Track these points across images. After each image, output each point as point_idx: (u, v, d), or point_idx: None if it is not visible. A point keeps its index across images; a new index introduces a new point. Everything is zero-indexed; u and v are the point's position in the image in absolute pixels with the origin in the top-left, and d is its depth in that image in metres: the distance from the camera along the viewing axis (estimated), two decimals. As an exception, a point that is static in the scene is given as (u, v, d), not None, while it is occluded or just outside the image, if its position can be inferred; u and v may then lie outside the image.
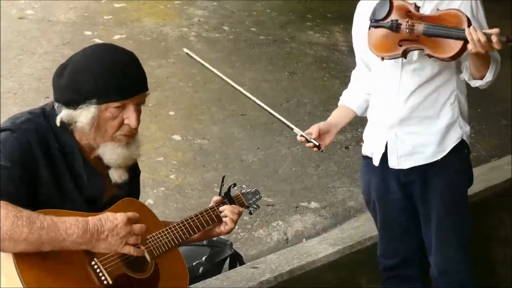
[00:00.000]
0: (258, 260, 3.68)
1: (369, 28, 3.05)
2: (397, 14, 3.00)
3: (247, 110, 5.47)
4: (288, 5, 7.18)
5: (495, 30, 2.82)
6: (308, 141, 3.17)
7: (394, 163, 3.25)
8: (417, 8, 3.01)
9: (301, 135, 3.17)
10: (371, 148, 3.35)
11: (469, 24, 2.89)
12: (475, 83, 3.09)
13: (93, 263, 2.27)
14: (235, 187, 2.86)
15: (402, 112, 3.19)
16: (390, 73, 3.16)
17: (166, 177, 4.63)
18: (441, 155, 3.21)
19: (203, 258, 3.59)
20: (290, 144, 5.14)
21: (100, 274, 2.27)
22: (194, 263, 3.55)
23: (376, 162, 3.28)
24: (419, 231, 3.35)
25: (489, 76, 3.01)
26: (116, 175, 2.44)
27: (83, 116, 2.33)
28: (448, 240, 3.26)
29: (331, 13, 7.21)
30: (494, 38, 2.79)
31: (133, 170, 2.59)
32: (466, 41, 2.87)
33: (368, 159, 3.36)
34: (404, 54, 3.01)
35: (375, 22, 3.02)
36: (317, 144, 3.16)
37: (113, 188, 2.48)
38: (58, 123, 2.35)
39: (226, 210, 2.72)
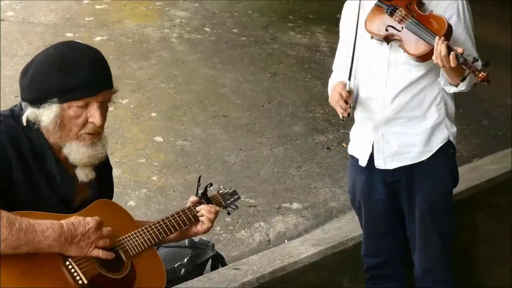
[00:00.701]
0: (240, 262, 3.67)
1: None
2: (401, 2, 3.12)
3: (229, 111, 5.47)
4: (270, 6, 7.18)
5: (460, 50, 2.89)
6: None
7: (380, 163, 3.26)
8: (420, 4, 3.10)
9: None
10: (358, 148, 3.36)
11: (447, 37, 2.98)
12: (449, 89, 3.15)
13: (67, 263, 2.26)
14: (211, 187, 2.85)
15: (388, 112, 3.21)
16: (377, 72, 3.19)
17: (148, 178, 4.62)
18: (427, 156, 3.23)
19: (185, 260, 3.57)
20: (272, 146, 5.13)
21: (75, 274, 2.26)
22: (176, 265, 3.54)
23: (363, 163, 3.30)
24: (403, 230, 3.37)
25: (462, 86, 3.06)
26: (83, 174, 2.42)
27: (45, 115, 2.32)
28: (432, 239, 3.28)
29: (312, 14, 7.22)
30: (451, 55, 2.87)
31: (104, 167, 2.58)
32: (432, 51, 2.97)
33: (354, 159, 3.37)
34: (386, 40, 3.12)
35: (380, 1, 3.16)
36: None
37: (85, 187, 2.47)
38: (24, 122, 2.34)
39: (203, 209, 2.71)
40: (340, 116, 3.11)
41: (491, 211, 4.49)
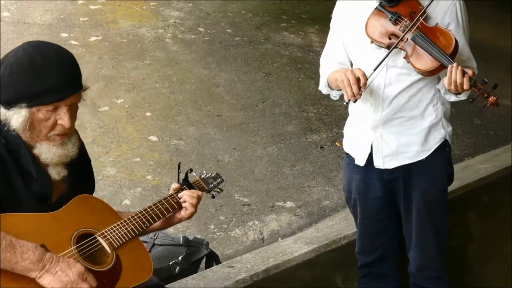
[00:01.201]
0: (234, 260, 3.67)
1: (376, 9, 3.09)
2: (404, 9, 3.07)
3: (223, 111, 5.46)
4: (263, 6, 7.17)
5: (470, 72, 2.90)
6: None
7: (379, 163, 3.27)
8: (423, 13, 3.04)
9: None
10: (355, 148, 3.35)
11: (454, 53, 2.97)
12: (450, 98, 3.16)
13: None
14: (192, 172, 2.85)
15: (387, 113, 3.21)
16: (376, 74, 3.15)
17: (143, 177, 4.61)
18: (425, 155, 3.25)
19: (180, 258, 3.57)
20: (265, 145, 5.13)
21: None
22: (170, 263, 3.54)
23: (361, 162, 3.30)
24: (397, 229, 3.38)
25: (462, 96, 3.07)
26: (55, 172, 2.43)
27: (14, 119, 2.33)
28: (427, 237, 3.30)
29: (305, 14, 7.23)
30: (465, 79, 2.86)
31: (81, 161, 2.57)
32: (442, 66, 2.96)
33: (350, 157, 3.37)
34: (388, 47, 3.06)
35: (382, 7, 3.10)
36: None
37: (60, 183, 2.47)
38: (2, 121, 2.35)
39: (185, 195, 2.71)
40: (347, 99, 3.04)
41: (483, 210, 4.50)
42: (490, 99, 2.90)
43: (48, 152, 2.39)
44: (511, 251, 4.58)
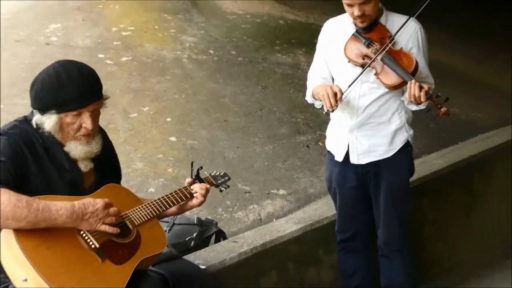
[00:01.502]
0: (237, 236, 3.66)
1: (353, 34, 3.11)
2: (375, 35, 3.07)
3: (228, 117, 5.45)
4: (261, 33, 7.15)
5: (426, 87, 2.91)
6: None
7: (354, 159, 3.28)
8: (391, 40, 3.04)
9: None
10: (335, 147, 3.36)
11: (415, 72, 2.99)
12: (412, 107, 3.17)
13: (81, 232, 2.28)
14: (202, 169, 2.86)
15: (360, 119, 3.21)
16: (352, 88, 3.13)
17: (165, 170, 4.60)
18: (391, 153, 3.25)
19: (194, 235, 3.56)
20: (263, 144, 5.12)
21: (88, 240, 2.27)
22: (187, 238, 3.53)
23: (340, 158, 3.31)
24: (368, 212, 3.39)
25: (422, 106, 3.07)
26: (83, 165, 2.46)
27: (47, 123, 2.37)
28: (392, 218, 3.31)
29: (294, 39, 7.21)
30: (422, 93, 2.87)
31: (106, 156, 2.58)
32: (404, 82, 2.97)
33: (331, 154, 3.37)
34: (362, 66, 3.06)
35: (358, 33, 3.10)
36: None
37: (91, 175, 2.50)
38: (34, 125, 2.39)
39: (196, 187, 2.73)
40: (326, 109, 3.03)
41: (435, 197, 4.50)
42: (442, 109, 2.90)
43: (76, 149, 2.42)
44: (455, 233, 4.60)
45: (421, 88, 2.89)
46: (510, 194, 5.07)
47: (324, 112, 3.10)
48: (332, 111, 3.06)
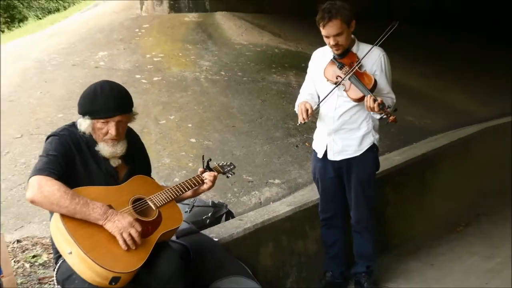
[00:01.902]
0: (242, 215, 3.65)
1: (331, 59, 3.12)
2: (347, 60, 3.08)
3: (236, 123, 5.43)
4: (261, 59, 7.13)
5: (379, 100, 2.92)
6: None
7: (331, 157, 3.28)
8: (358, 63, 3.03)
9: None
10: (317, 146, 3.36)
11: (373, 88, 2.98)
12: (376, 116, 3.14)
13: None
14: (211, 160, 2.83)
15: (336, 125, 3.21)
16: (330, 101, 3.17)
17: (186, 164, 4.59)
18: (359, 153, 3.25)
19: (209, 214, 3.54)
20: (262, 144, 5.10)
21: None
22: (203, 217, 3.51)
23: (320, 155, 3.31)
24: (344, 197, 3.37)
25: (378, 115, 3.05)
26: (112, 162, 2.43)
27: (83, 125, 2.37)
28: (361, 202, 3.31)
29: (287, 63, 7.19)
30: (376, 104, 2.88)
31: (136, 153, 2.54)
32: (364, 96, 2.98)
33: (315, 152, 3.37)
34: (336, 84, 3.08)
35: (334, 59, 3.12)
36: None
37: (124, 168, 2.47)
38: (78, 126, 2.39)
39: (206, 175, 2.71)
40: (300, 121, 3.03)
41: (395, 186, 4.49)
42: (391, 118, 2.90)
43: (103, 149, 2.40)
44: (411, 213, 4.58)
45: (375, 101, 2.87)
46: (452, 182, 5.07)
47: (298, 124, 3.09)
48: (304, 123, 3.05)
